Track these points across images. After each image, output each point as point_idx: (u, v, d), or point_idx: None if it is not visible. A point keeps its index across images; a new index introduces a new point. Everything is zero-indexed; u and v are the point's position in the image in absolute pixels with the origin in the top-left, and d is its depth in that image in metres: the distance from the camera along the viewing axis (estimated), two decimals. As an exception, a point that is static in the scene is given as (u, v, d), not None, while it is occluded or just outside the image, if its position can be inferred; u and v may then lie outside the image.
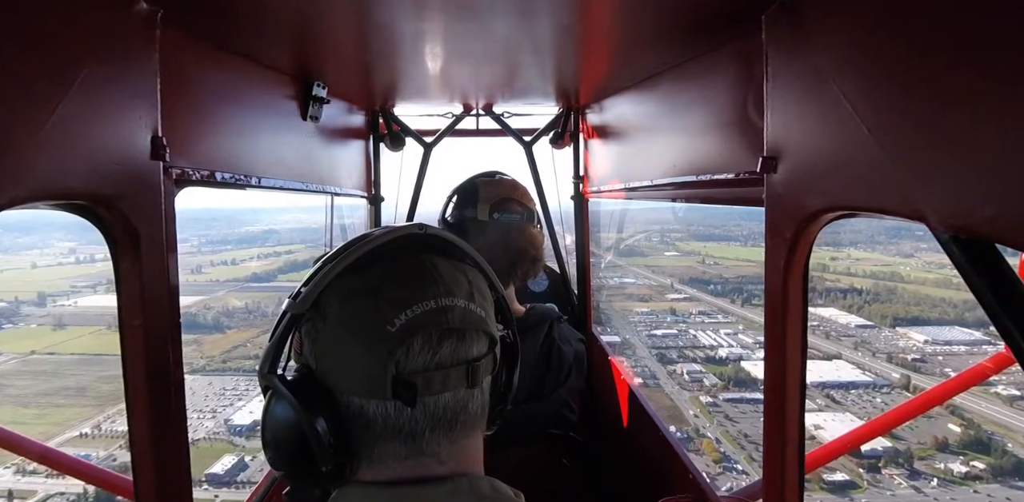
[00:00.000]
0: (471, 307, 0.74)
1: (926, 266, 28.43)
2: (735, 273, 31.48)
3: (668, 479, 1.81)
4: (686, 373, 23.01)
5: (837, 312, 27.03)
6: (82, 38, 0.86)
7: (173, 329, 1.10)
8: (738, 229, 34.50)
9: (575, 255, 2.97)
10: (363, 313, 0.71)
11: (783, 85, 1.02)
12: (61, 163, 0.81)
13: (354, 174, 2.62)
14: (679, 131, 1.72)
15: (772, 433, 1.06)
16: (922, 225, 0.68)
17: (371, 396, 0.70)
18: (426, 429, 0.71)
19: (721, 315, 28.25)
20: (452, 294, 0.73)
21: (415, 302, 0.71)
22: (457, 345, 0.73)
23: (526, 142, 2.87)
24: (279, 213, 36.14)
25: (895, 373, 22.06)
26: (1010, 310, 0.60)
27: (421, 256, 0.76)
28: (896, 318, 25.65)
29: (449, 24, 1.32)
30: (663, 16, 1.24)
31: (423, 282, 0.73)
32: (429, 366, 0.70)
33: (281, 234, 34.30)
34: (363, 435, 0.72)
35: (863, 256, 31.52)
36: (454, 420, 0.73)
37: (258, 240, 34.77)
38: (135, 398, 1.03)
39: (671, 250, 34.83)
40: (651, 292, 30.49)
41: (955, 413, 19.25)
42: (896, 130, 0.74)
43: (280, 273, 31.88)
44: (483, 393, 0.77)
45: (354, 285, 0.73)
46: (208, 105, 1.36)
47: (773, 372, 1.05)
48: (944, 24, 0.66)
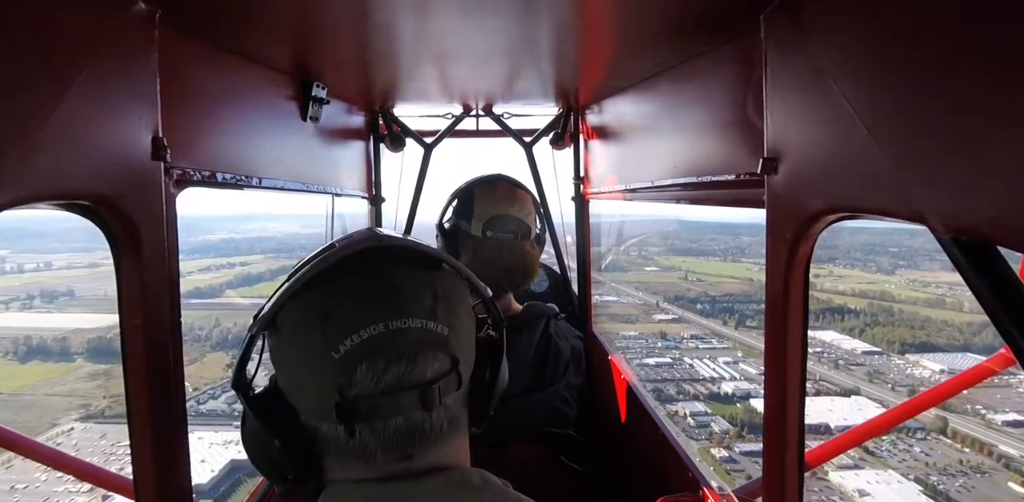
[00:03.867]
0: (429, 326, 0.71)
1: (911, 284, 27.28)
2: (721, 290, 30.27)
3: (668, 478, 1.81)
4: (690, 415, 20.05)
5: (838, 336, 25.23)
6: (81, 39, 0.86)
7: (173, 329, 1.10)
8: (713, 243, 33.69)
9: (575, 255, 2.97)
10: (310, 337, 0.70)
11: (783, 85, 1.02)
12: (62, 163, 0.81)
13: (354, 175, 2.62)
14: (679, 132, 1.72)
15: (772, 432, 1.06)
16: (896, 240, 0.68)
17: (321, 418, 0.71)
18: (376, 451, 0.71)
19: (716, 339, 26.03)
20: (407, 314, 0.70)
21: (362, 326, 0.69)
22: (407, 369, 0.70)
23: (526, 143, 2.87)
24: (244, 221, 34.75)
25: (927, 411, 19.83)
26: (1010, 310, 0.60)
27: (380, 271, 0.73)
28: (904, 344, 24.02)
29: (449, 24, 1.32)
30: (663, 16, 1.24)
31: (376, 303, 0.70)
32: (374, 392, 0.69)
33: (240, 243, 32.96)
34: (323, 448, 0.73)
35: (844, 273, 30.59)
36: (408, 440, 0.71)
37: (212, 250, 32.88)
38: (135, 398, 1.03)
39: (650, 265, 33.60)
40: (637, 312, 28.76)
41: (1010, 467, 17.46)
42: (896, 130, 0.74)
43: (229, 288, 29.93)
44: (446, 410, 0.73)
45: (305, 307, 0.72)
46: (208, 106, 1.36)
47: (773, 372, 1.05)
48: (944, 24, 0.66)
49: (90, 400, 22.75)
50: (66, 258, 33.60)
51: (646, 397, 2.21)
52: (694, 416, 19.83)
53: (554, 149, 2.92)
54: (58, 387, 24.86)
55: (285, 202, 2.43)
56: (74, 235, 32.53)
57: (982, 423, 20.00)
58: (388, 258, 0.75)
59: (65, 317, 30.11)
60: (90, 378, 25.09)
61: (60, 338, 27.90)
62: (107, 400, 20.98)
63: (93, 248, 31.42)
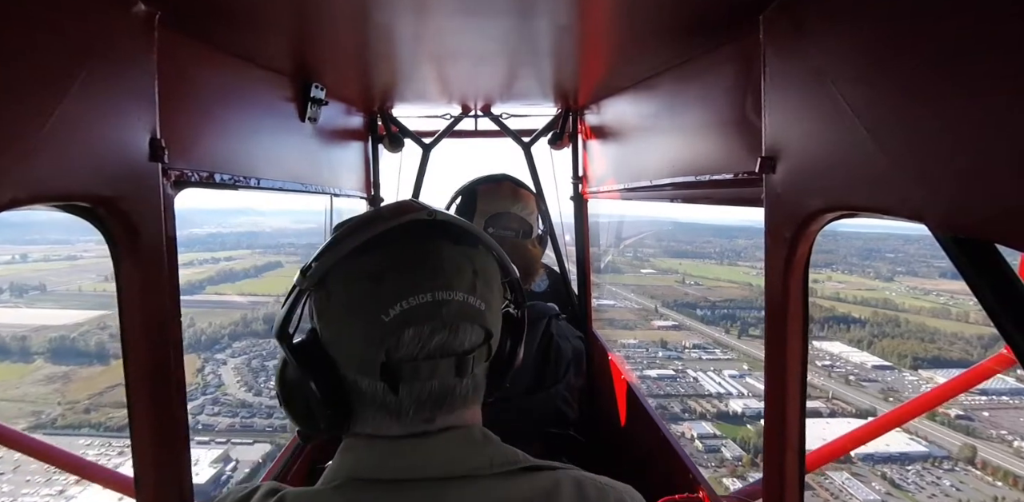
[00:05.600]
0: (469, 300, 0.75)
1: (912, 292, 25.88)
2: (720, 295, 29.09)
3: (668, 479, 1.81)
4: (697, 438, 17.57)
5: (846, 348, 23.42)
6: (80, 40, 0.86)
7: (173, 329, 1.10)
8: (709, 246, 32.92)
9: (575, 255, 2.97)
10: (362, 298, 0.74)
11: (781, 85, 1.02)
12: (60, 165, 0.81)
13: (353, 175, 2.62)
14: (678, 131, 1.72)
15: (772, 433, 1.06)
16: (894, 244, 0.68)
17: (363, 374, 0.76)
18: (411, 409, 0.75)
19: (719, 350, 24.15)
20: (451, 287, 0.74)
21: (412, 294, 0.73)
22: (449, 338, 0.74)
23: (525, 143, 2.87)
24: (232, 215, 33.26)
25: (948, 437, 17.58)
26: (1010, 310, 0.60)
27: (428, 243, 0.77)
28: (916, 358, 22.07)
29: (448, 25, 1.32)
30: (662, 16, 1.24)
31: (424, 273, 0.74)
32: (418, 356, 0.73)
33: (227, 237, 31.84)
34: (357, 401, 0.78)
35: (843, 279, 29.43)
36: (439, 402, 0.76)
37: (197, 244, 31.39)
38: (136, 398, 1.03)
39: (647, 267, 32.58)
40: (635, 317, 27.68)
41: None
42: (895, 130, 0.74)
43: (209, 283, 28.18)
44: (474, 379, 0.79)
45: (358, 268, 0.76)
46: (207, 107, 1.36)
47: (773, 372, 1.05)
48: (943, 23, 0.66)
49: (43, 407, 19.70)
50: (44, 250, 31.92)
51: (646, 397, 2.21)
52: (702, 439, 17.82)
53: (553, 149, 2.92)
54: (10, 391, 21.65)
55: (279, 199, 2.43)
56: (54, 226, 30.75)
57: (1011, 451, 18.53)
58: (434, 231, 0.78)
59: (32, 313, 28.14)
60: (47, 382, 21.76)
61: (20, 337, 25.05)
62: (62, 407, 17.74)
63: (73, 240, 29.93)
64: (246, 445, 18.44)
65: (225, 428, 20.24)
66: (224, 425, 20.22)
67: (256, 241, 28.67)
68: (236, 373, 22.62)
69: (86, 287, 28.91)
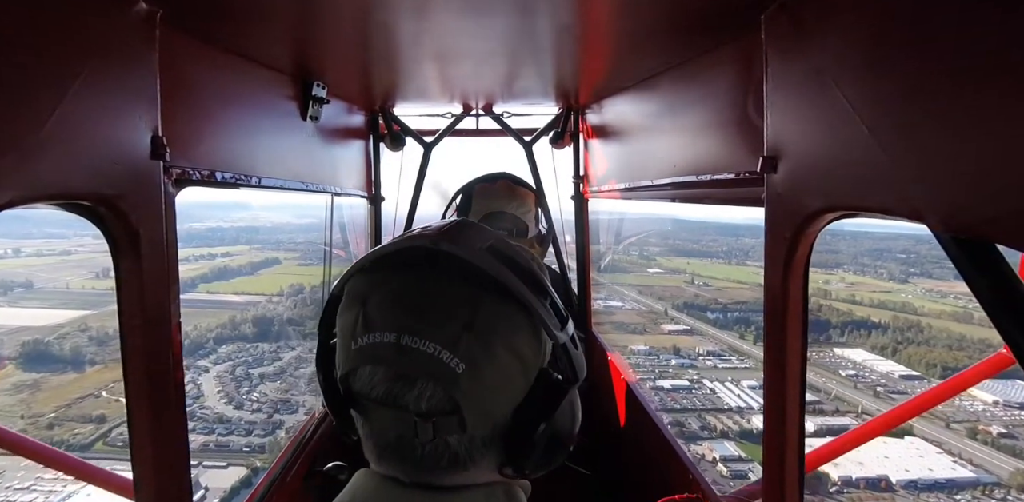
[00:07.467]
0: (441, 356, 0.62)
1: (928, 294, 24.12)
2: (731, 297, 27.12)
3: (668, 479, 1.81)
4: (720, 460, 15.09)
5: (870, 355, 21.57)
6: (82, 38, 0.86)
7: (173, 329, 1.10)
8: (715, 244, 31.99)
9: (575, 255, 2.97)
10: (347, 317, 0.70)
11: (783, 85, 1.02)
12: (62, 163, 0.81)
13: (354, 174, 2.63)
14: (679, 131, 1.72)
15: (772, 433, 1.06)
16: (905, 245, 0.68)
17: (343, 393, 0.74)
18: (384, 451, 0.69)
19: (736, 357, 22.00)
20: (422, 334, 0.63)
21: (380, 329, 0.64)
22: (400, 390, 0.64)
23: (526, 142, 2.87)
24: (234, 209, 32.40)
25: (992, 459, 15.55)
26: (1010, 310, 0.60)
27: (425, 277, 0.67)
28: (945, 368, 19.54)
29: (449, 24, 1.32)
30: (663, 16, 1.24)
31: (399, 310, 0.65)
32: (372, 397, 0.66)
33: (227, 232, 30.22)
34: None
35: (856, 280, 27.68)
36: (406, 460, 0.67)
37: (196, 239, 29.50)
38: (135, 398, 1.03)
39: (653, 266, 30.43)
40: (643, 320, 25.32)
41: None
42: (896, 130, 0.74)
43: (203, 281, 26.21)
44: (447, 446, 0.66)
45: (358, 285, 0.72)
46: (208, 105, 1.37)
47: (773, 372, 1.05)
48: (943, 23, 0.66)
49: (4, 420, 15.90)
50: (39, 244, 29.48)
51: (646, 397, 2.21)
52: (726, 462, 15.16)
53: (554, 148, 2.92)
54: (-28, 402, 17.62)
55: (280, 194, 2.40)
56: (49, 219, 29.51)
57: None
58: (434, 264, 0.66)
59: (12, 312, 24.81)
60: (13, 391, 18.01)
61: (-7, 341, 21.57)
62: (25, 421, 14.93)
63: (70, 234, 27.54)
64: (218, 468, 15.81)
65: (197, 448, 16.92)
66: (197, 444, 17.02)
67: (254, 237, 27.86)
68: (218, 382, 19.68)
69: (74, 284, 27.20)
